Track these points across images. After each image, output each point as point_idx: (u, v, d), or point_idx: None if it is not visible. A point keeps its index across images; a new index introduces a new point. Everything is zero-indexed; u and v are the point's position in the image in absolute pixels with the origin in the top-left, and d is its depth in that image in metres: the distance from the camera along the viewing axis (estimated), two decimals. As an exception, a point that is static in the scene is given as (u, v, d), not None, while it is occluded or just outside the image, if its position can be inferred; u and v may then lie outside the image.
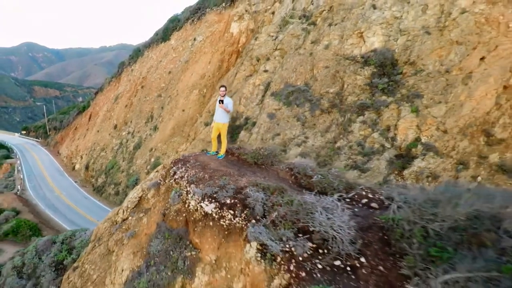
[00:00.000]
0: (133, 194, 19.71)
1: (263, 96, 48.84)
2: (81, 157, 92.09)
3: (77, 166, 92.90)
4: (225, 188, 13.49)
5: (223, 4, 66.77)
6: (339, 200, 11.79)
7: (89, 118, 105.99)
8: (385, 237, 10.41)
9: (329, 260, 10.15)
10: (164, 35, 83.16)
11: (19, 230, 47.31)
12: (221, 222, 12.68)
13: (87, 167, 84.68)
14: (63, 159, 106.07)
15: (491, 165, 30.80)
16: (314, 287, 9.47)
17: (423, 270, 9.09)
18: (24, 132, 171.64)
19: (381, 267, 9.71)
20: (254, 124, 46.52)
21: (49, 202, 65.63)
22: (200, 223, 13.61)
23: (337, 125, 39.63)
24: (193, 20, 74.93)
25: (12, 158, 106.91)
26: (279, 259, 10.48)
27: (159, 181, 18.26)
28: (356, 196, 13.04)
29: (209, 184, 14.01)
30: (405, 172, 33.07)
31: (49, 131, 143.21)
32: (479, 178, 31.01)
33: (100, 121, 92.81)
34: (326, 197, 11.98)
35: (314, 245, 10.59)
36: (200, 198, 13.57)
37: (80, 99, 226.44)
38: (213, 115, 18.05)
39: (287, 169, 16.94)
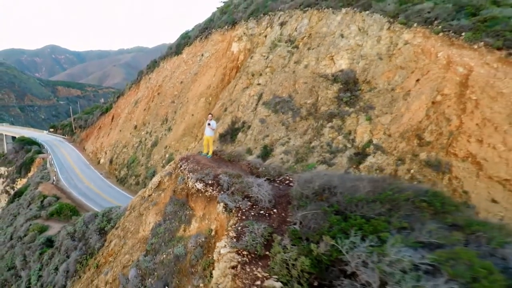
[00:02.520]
0: (155, 180, 27.19)
1: (256, 104, 54.84)
2: (105, 153, 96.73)
3: (101, 161, 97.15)
4: (208, 175, 20.65)
5: (226, 27, 72.29)
6: (268, 180, 19.48)
7: (112, 119, 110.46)
8: (289, 199, 17.31)
9: (258, 210, 16.95)
10: (177, 49, 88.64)
11: (61, 211, 52.71)
12: (206, 194, 19.80)
13: (111, 161, 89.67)
14: (88, 154, 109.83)
15: (420, 161, 36.81)
16: (249, 222, 15.47)
17: (296, 211, 15.24)
18: (52, 129, 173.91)
19: (283, 214, 16.46)
20: (249, 127, 52.64)
21: (81, 190, 70.08)
22: (195, 195, 20.93)
23: (312, 129, 45.93)
24: (201, 38, 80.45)
25: (43, 153, 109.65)
26: (233, 211, 17.01)
27: (171, 171, 25.90)
28: (282, 179, 20.54)
29: (200, 173, 21.31)
30: (361, 166, 39.27)
31: (74, 129, 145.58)
32: (412, 171, 36.74)
33: (122, 122, 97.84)
34: (261, 179, 18.53)
35: (251, 203, 17.36)
36: (194, 181, 20.88)
37: (102, 100, 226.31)
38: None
39: (246, 163, 24.72)
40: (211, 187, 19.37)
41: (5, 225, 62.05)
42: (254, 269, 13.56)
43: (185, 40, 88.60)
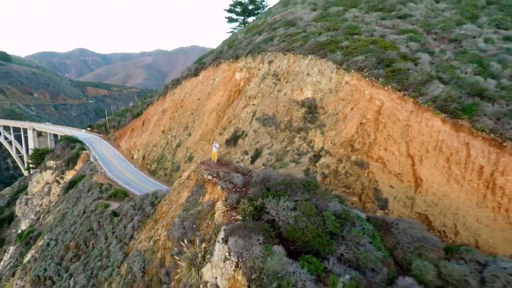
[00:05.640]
0: (185, 174, 38.39)
1: (251, 119, 66.15)
2: (138, 150, 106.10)
3: (135, 156, 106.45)
4: (214, 171, 30.67)
5: (231, 59, 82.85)
6: (242, 174, 30.59)
7: (143, 123, 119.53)
8: (250, 183, 27.06)
9: (236, 189, 27.20)
10: (195, 72, 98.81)
11: (116, 194, 62.93)
12: (212, 181, 29.56)
13: (143, 157, 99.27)
14: (123, 151, 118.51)
15: (352, 161, 47.08)
16: (231, 194, 25.75)
17: (251, 189, 25.67)
18: (89, 128, 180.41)
19: (247, 190, 26.30)
20: (246, 135, 64.13)
21: (123, 180, 79.29)
22: (207, 181, 30.78)
23: (287, 138, 56.86)
24: (213, 65, 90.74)
25: (85, 149, 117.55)
26: (225, 189, 27.01)
27: (194, 169, 35.97)
28: (249, 174, 31.30)
29: (210, 170, 31.34)
30: (316, 164, 49.58)
31: (108, 129, 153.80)
32: (346, 167, 46.94)
33: (152, 126, 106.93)
34: (239, 174, 29.90)
35: (233, 185, 27.54)
36: (207, 174, 30.82)
37: (131, 103, 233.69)
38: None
39: (233, 166, 34.58)
40: (215, 178, 29.87)
41: (70, 205, 71.40)
42: (231, 213, 24.53)
43: (201, 65, 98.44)
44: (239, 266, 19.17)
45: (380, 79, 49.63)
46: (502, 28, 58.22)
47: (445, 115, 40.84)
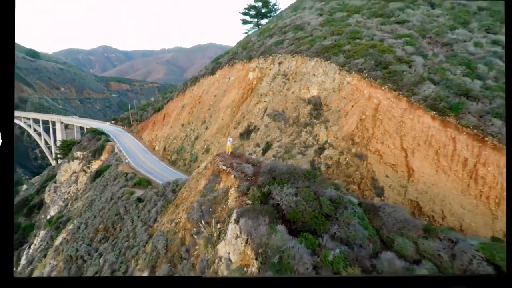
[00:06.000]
0: (203, 164, 40.21)
1: (263, 115, 67.76)
2: (160, 142, 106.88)
3: (156, 148, 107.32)
4: (228, 162, 32.28)
5: (245, 60, 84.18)
6: (252, 164, 31.38)
7: (163, 117, 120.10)
8: (259, 173, 28.27)
9: (247, 177, 28.63)
10: (212, 70, 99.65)
11: (141, 182, 64.31)
12: (226, 171, 31.22)
13: (164, 149, 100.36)
14: (145, 143, 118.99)
15: (352, 153, 48.60)
16: (243, 182, 27.58)
17: (260, 178, 27.39)
18: (113, 121, 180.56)
19: (256, 179, 27.84)
20: (258, 129, 65.83)
21: (146, 170, 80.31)
22: (222, 171, 32.48)
23: (295, 132, 58.49)
24: (228, 65, 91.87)
25: (110, 141, 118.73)
26: (237, 177, 28.66)
27: (211, 160, 37.60)
28: (258, 164, 31.93)
29: (224, 162, 32.86)
30: (321, 156, 51.24)
31: (131, 122, 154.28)
32: (347, 159, 48.42)
33: (172, 120, 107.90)
34: (249, 164, 31.01)
35: (244, 174, 28.99)
36: (222, 165, 32.49)
37: (152, 98, 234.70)
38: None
39: (245, 158, 36.06)
40: (229, 168, 31.45)
41: (98, 193, 73.24)
42: (242, 198, 26.35)
43: (218, 65, 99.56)
44: (248, 243, 21.67)
45: (377, 80, 51.40)
46: (491, 33, 59.06)
47: (435, 112, 42.75)
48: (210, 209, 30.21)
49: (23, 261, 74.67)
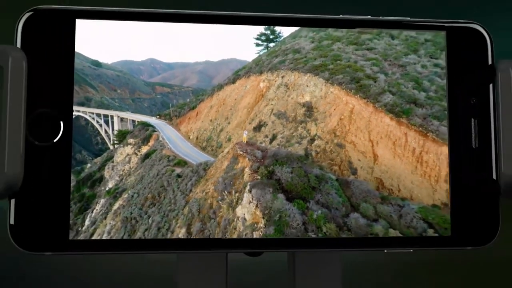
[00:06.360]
0: (226, 150, 43.97)
1: (270, 114, 72.82)
2: (193, 133, 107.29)
3: (191, 137, 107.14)
4: (243, 149, 39.47)
5: (257, 74, 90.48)
6: (261, 151, 37.61)
7: (196, 114, 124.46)
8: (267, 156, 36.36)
9: (257, 160, 36.28)
10: (233, 80, 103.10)
11: (179, 163, 64.44)
12: (243, 155, 38.41)
13: (197, 138, 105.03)
14: (182, 133, 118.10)
15: (334, 143, 53.97)
16: (255, 164, 34.61)
17: None
18: (158, 116, 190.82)
19: (265, 162, 35.99)
20: (266, 124, 68.28)
21: (183, 153, 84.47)
22: (239, 155, 39.49)
23: (293, 127, 63.04)
24: (245, 77, 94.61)
25: (156, 131, 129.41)
26: (250, 159, 36.31)
27: (231, 147, 44.56)
28: (267, 150, 39.01)
29: (241, 148, 39.89)
30: (312, 145, 56.62)
31: (172, 117, 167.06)
32: (330, 148, 56.52)
33: (203, 116, 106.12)
34: (259, 150, 37.75)
35: (255, 158, 36.86)
36: (239, 150, 39.49)
37: (188, 99, 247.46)
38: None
39: (256, 146, 43.13)
40: (244, 153, 36.87)
41: (147, 170, 79.94)
42: (254, 175, 31.54)
43: (237, 76, 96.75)
44: (258, 206, 24.62)
45: (352, 90, 50.28)
46: (433, 58, 62.11)
47: (392, 115, 44.05)
48: (231, 182, 32.60)
49: (87, 222, 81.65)
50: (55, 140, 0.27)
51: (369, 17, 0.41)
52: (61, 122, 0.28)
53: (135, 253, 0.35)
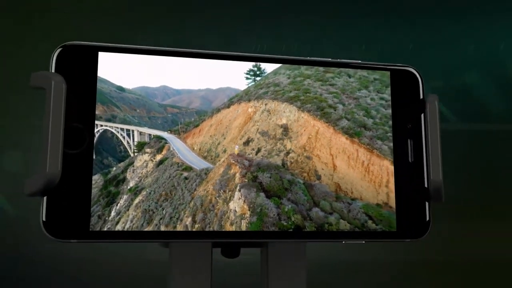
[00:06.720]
0: (222, 159, 44.60)
1: (256, 132, 69.02)
2: (197, 145, 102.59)
3: (195, 148, 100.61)
4: (235, 159, 39.58)
5: (246, 101, 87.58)
6: (248, 160, 37.93)
7: (199, 130, 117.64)
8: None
9: (245, 167, 36.25)
10: (228, 105, 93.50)
11: (186, 168, 63.09)
12: (234, 163, 38.50)
13: (199, 149, 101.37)
14: (189, 145, 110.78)
15: (304, 156, 53.12)
16: (243, 170, 34.75)
17: None
18: (169, 131, 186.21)
19: (251, 169, 35.53)
20: (253, 140, 66.90)
21: (189, 161, 78.56)
22: (231, 164, 39.22)
23: (273, 143, 61.73)
24: (237, 103, 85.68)
25: (168, 143, 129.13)
26: (240, 167, 36.08)
27: (226, 157, 44.37)
28: (252, 160, 39.10)
29: (233, 158, 39.84)
30: (287, 157, 55.46)
31: (180, 132, 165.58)
32: (301, 160, 56.65)
33: (205, 133, 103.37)
34: (247, 160, 37.81)
35: (243, 166, 36.79)
36: (232, 160, 39.55)
37: (193, 118, 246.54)
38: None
39: (245, 157, 43.06)
40: (235, 162, 36.80)
41: (161, 173, 74.99)
42: (242, 179, 31.21)
43: (231, 102, 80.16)
44: (245, 202, 24.21)
45: (318, 116, 50.14)
46: (380, 93, 58.72)
47: (347, 135, 43.97)
48: (225, 184, 30.18)
49: (113, 213, 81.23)
50: (81, 149, 0.29)
51: (330, 59, 0.43)
52: (86, 134, 0.29)
53: (137, 241, 0.36)
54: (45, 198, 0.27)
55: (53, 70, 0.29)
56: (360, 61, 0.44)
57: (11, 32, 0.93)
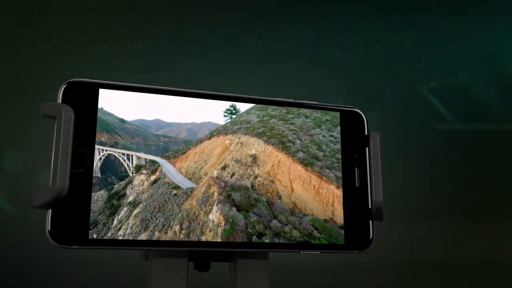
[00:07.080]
0: (204, 181, 39.53)
1: (231, 160, 55.95)
2: (184, 168, 75.90)
3: (182, 171, 76.73)
4: (213, 180, 38.36)
5: (224, 134, 71.90)
6: (224, 182, 36.22)
7: (186, 157, 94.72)
8: None
9: (222, 187, 35.28)
10: (209, 137, 69.38)
11: (175, 187, 47.90)
12: (213, 184, 35.73)
13: (186, 172, 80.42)
14: (177, 168, 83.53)
15: (268, 180, 48.84)
16: (220, 189, 33.34)
17: None
18: (161, 156, 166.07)
19: (226, 188, 34.89)
20: (228, 166, 60.11)
21: (178, 181, 59.09)
22: (211, 184, 36.24)
23: (245, 168, 52.78)
24: (216, 136, 65.29)
25: (160, 166, 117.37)
26: (217, 187, 34.77)
27: (206, 179, 41.14)
28: (227, 182, 38.03)
29: (212, 180, 38.18)
30: (256, 180, 46.16)
31: (170, 158, 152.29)
32: (266, 182, 56.02)
33: (190, 158, 73.92)
34: (223, 182, 36.73)
35: (220, 186, 35.63)
36: (211, 181, 38.36)
37: (181, 146, 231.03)
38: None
39: (221, 179, 38.86)
40: (214, 183, 31.28)
41: (154, 191, 60.67)
42: (219, 196, 26.98)
43: (212, 135, 59.46)
44: (221, 214, 20.73)
45: (280, 148, 40.25)
46: (331, 131, 49.34)
47: (302, 165, 36.45)
48: (206, 200, 23.07)
49: (115, 222, 70.13)
50: (82, 169, 0.27)
51: (292, 100, 0.42)
52: (88, 156, 0.28)
53: (128, 248, 0.33)
54: (50, 210, 0.25)
55: (60, 102, 0.28)
56: (316, 102, 0.43)
57: (11, 31, 0.81)
